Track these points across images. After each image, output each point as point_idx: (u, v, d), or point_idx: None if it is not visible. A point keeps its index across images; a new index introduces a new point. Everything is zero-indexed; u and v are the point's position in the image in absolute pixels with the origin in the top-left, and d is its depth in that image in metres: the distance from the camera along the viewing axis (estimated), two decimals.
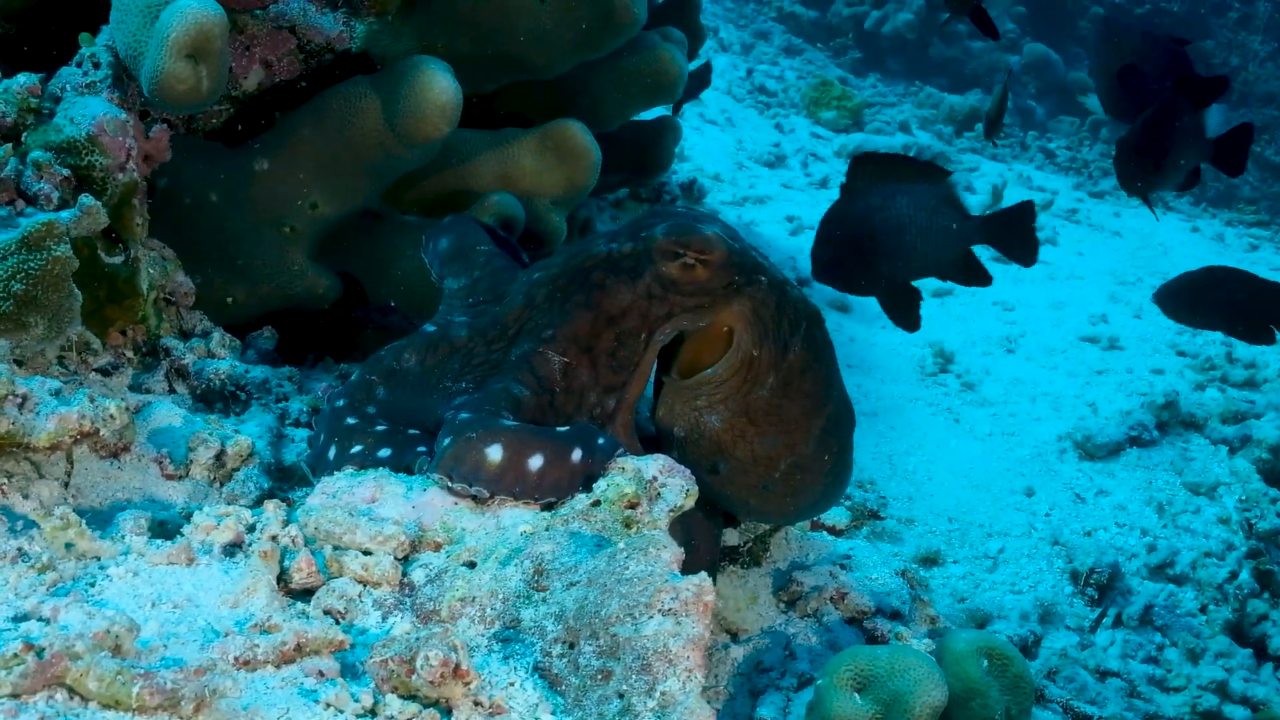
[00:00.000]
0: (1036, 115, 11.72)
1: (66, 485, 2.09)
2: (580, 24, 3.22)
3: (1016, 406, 5.99)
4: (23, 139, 2.52)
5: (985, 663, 1.93)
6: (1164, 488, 5.39)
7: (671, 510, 1.82)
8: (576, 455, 1.85)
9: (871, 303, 6.79)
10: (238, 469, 2.27)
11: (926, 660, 1.82)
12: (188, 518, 1.79)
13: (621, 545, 1.61)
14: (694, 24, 4.60)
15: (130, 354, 2.63)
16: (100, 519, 1.93)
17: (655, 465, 1.86)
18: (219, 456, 2.27)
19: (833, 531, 2.88)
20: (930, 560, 4.68)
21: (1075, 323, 6.87)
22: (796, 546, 2.70)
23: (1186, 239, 8.89)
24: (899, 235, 3.57)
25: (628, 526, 1.76)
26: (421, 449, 1.96)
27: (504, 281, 2.21)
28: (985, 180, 8.79)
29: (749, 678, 2.34)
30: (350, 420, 2.04)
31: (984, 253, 3.91)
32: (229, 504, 2.00)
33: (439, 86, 2.81)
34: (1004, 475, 5.37)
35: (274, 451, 2.40)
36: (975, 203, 8.44)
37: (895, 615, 2.50)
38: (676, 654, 1.46)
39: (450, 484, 1.83)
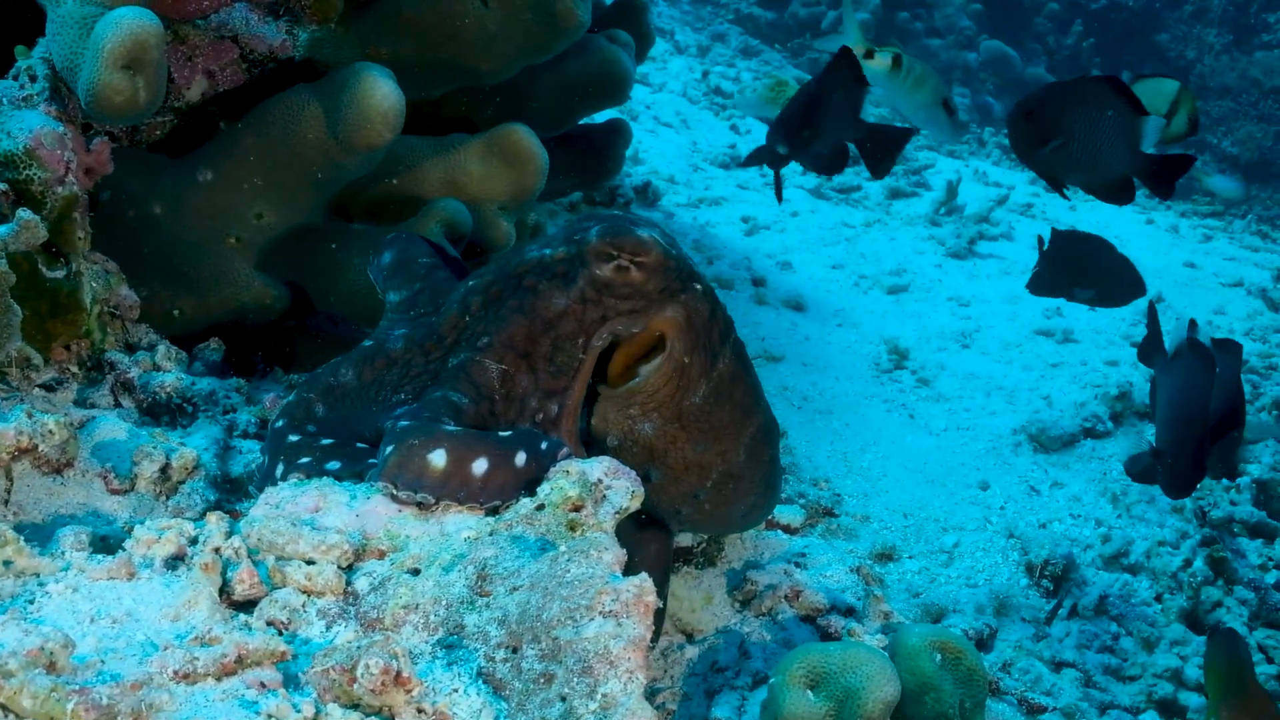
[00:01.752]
0: (994, 111, 11.82)
1: (6, 502, 2.07)
2: (524, 28, 3.22)
3: (971, 401, 6.01)
4: None
5: (938, 657, 1.92)
6: (1118, 478, 5.40)
7: (617, 513, 1.82)
8: (520, 459, 1.84)
9: (825, 301, 6.86)
10: (183, 482, 2.26)
11: (879, 656, 1.82)
12: (130, 532, 1.77)
13: (563, 548, 1.61)
14: (643, 26, 4.59)
15: (74, 368, 2.61)
16: (42, 535, 1.91)
17: (600, 468, 1.85)
18: (164, 470, 2.25)
19: (787, 530, 2.88)
20: (886, 556, 4.68)
21: (1030, 316, 6.90)
22: (751, 546, 2.71)
23: (1141, 230, 8.96)
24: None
25: (572, 530, 1.75)
26: (373, 461, 1.95)
27: (445, 293, 2.19)
28: (941, 177, 8.83)
29: (704, 678, 2.34)
30: (293, 438, 2.02)
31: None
32: (174, 517, 1.99)
33: (381, 93, 2.80)
34: (959, 470, 5.38)
35: (221, 464, 2.38)
36: (929, 199, 8.47)
37: (849, 612, 2.51)
38: (617, 655, 1.47)
39: (395, 491, 1.82)
